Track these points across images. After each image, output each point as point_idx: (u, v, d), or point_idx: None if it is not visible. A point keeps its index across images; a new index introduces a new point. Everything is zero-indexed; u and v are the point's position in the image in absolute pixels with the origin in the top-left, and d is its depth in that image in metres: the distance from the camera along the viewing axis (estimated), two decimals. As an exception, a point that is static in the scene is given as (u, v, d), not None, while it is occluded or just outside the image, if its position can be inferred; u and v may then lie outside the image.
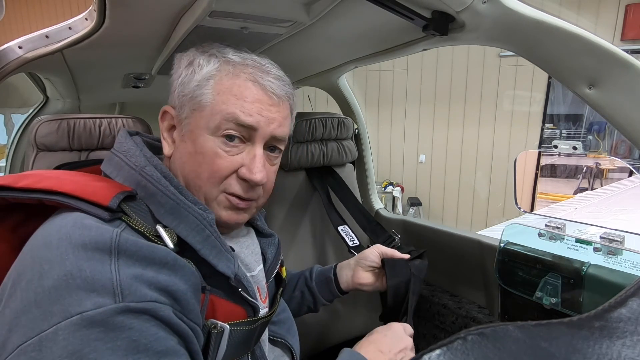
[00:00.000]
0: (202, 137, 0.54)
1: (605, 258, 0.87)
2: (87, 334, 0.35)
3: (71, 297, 0.36)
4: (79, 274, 0.37)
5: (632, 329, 0.36)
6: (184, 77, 0.58)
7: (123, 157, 0.53)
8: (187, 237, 0.49)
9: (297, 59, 1.20)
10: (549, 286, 0.91)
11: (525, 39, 0.71)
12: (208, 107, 0.54)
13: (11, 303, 0.38)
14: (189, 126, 0.56)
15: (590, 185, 3.96)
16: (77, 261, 0.38)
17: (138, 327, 0.38)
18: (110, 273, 0.38)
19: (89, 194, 0.45)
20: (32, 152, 1.06)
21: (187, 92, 0.56)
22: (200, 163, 0.54)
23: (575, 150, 1.17)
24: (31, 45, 0.89)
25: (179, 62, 0.61)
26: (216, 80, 0.56)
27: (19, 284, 0.38)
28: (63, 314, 0.36)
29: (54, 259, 0.38)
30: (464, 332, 0.36)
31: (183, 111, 0.57)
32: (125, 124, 1.18)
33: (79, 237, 0.40)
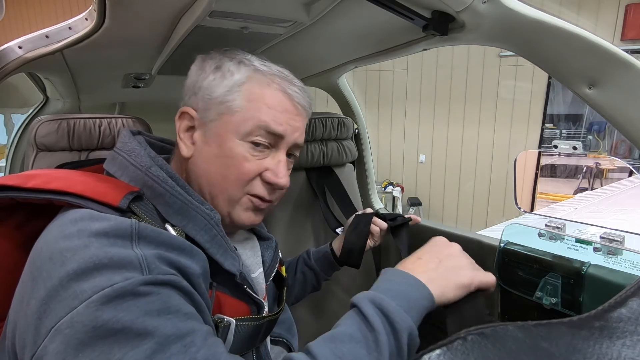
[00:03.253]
0: (231, 141, 0.56)
1: (605, 258, 0.87)
2: (119, 302, 0.37)
3: (100, 275, 0.38)
4: (105, 255, 0.39)
5: (632, 329, 0.36)
6: (212, 80, 0.58)
7: (127, 157, 0.54)
8: (195, 236, 0.51)
9: (297, 59, 1.20)
10: (549, 286, 0.91)
11: (525, 39, 0.71)
12: (239, 113, 0.56)
13: (35, 294, 0.39)
14: (215, 129, 0.57)
15: (590, 185, 3.96)
16: (101, 247, 0.40)
17: (165, 293, 0.40)
18: (135, 253, 0.41)
19: (98, 194, 0.46)
20: (32, 152, 1.06)
21: (216, 96, 0.57)
22: (228, 166, 0.56)
23: (575, 150, 1.17)
24: (31, 45, 0.89)
25: (202, 65, 0.61)
26: (247, 87, 0.57)
27: (39, 276, 0.39)
28: (93, 290, 0.37)
29: (76, 247, 0.40)
30: (464, 332, 0.36)
31: (208, 114, 0.57)
32: (125, 124, 1.18)
33: (99, 227, 0.41)
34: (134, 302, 0.38)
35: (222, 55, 0.61)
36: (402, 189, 4.81)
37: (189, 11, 0.77)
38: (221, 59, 0.60)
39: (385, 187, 4.69)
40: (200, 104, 0.58)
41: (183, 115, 0.60)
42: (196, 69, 0.62)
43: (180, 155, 0.60)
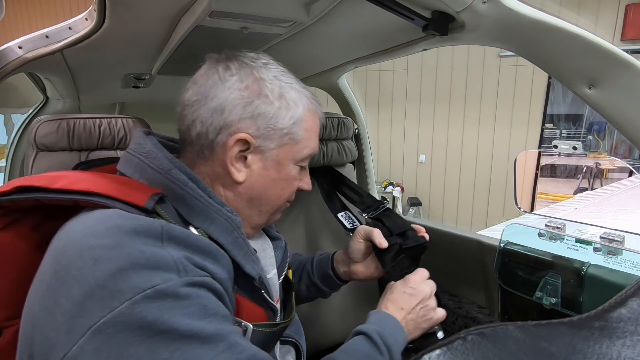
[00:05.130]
0: (288, 166, 0.60)
1: (605, 258, 0.87)
2: (162, 304, 0.38)
3: (138, 275, 0.38)
4: (141, 255, 0.39)
5: (632, 329, 0.36)
6: (277, 109, 0.56)
7: (144, 159, 0.53)
8: (218, 238, 0.51)
9: (297, 59, 1.20)
10: (549, 286, 0.91)
11: (525, 39, 0.71)
12: (299, 143, 0.60)
13: (65, 293, 0.38)
14: (275, 157, 0.58)
15: (590, 185, 3.96)
16: (134, 245, 0.40)
17: (204, 295, 0.42)
18: (169, 254, 0.41)
19: (124, 194, 0.46)
20: (32, 152, 1.06)
21: (282, 127, 0.57)
22: (284, 187, 0.61)
23: (575, 150, 1.17)
24: (31, 45, 0.89)
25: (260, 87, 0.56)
26: (305, 119, 0.60)
27: (68, 275, 0.39)
28: (134, 290, 0.37)
29: (109, 245, 0.40)
30: (464, 332, 0.36)
31: (269, 143, 0.57)
32: (125, 124, 1.18)
33: (130, 225, 0.41)
34: (176, 303, 0.39)
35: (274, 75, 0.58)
36: (402, 189, 4.81)
37: (189, 11, 0.77)
38: (280, 84, 0.58)
39: (385, 187, 4.69)
40: (260, 131, 0.56)
41: (238, 143, 0.55)
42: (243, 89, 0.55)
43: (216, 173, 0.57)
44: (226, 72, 0.56)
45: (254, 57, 0.59)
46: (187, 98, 0.57)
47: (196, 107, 0.56)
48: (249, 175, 0.57)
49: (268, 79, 0.57)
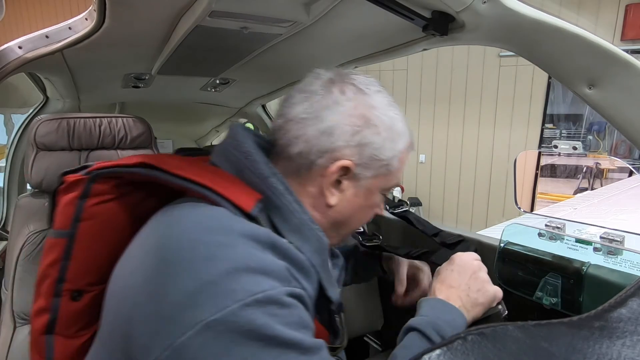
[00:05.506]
0: (376, 194, 0.59)
1: (605, 258, 0.87)
2: (269, 310, 0.39)
3: (249, 278, 0.40)
4: (252, 259, 0.41)
5: (632, 329, 0.36)
6: (385, 139, 0.55)
7: (244, 159, 0.52)
8: (310, 258, 0.50)
9: (297, 59, 1.20)
10: (549, 286, 0.91)
11: (525, 39, 0.71)
12: (393, 174, 0.59)
13: (176, 282, 0.39)
14: (367, 185, 0.57)
15: (590, 185, 3.96)
16: (246, 248, 0.42)
17: (300, 307, 0.43)
18: (274, 261, 0.43)
19: (233, 195, 0.47)
20: (32, 151, 1.05)
21: (383, 159, 0.56)
22: (367, 214, 0.61)
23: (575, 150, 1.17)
24: (31, 45, 0.89)
25: (369, 110, 0.55)
26: (404, 151, 0.59)
27: (179, 265, 0.40)
28: (246, 292, 0.38)
29: (223, 243, 0.41)
30: (464, 332, 0.36)
31: (367, 171, 0.56)
32: (125, 123, 1.18)
33: (241, 229, 0.43)
34: (280, 311, 0.40)
35: (387, 102, 0.57)
36: (402, 189, 4.81)
37: (189, 11, 0.77)
38: (391, 115, 0.57)
39: (385, 187, 4.68)
40: (363, 160, 0.55)
41: (341, 169, 0.54)
42: (355, 116, 0.54)
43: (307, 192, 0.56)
44: (342, 96, 0.54)
45: (367, 83, 0.57)
46: (296, 114, 0.55)
47: (303, 125, 0.54)
48: (340, 199, 0.56)
49: (381, 109, 0.56)
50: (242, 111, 2.09)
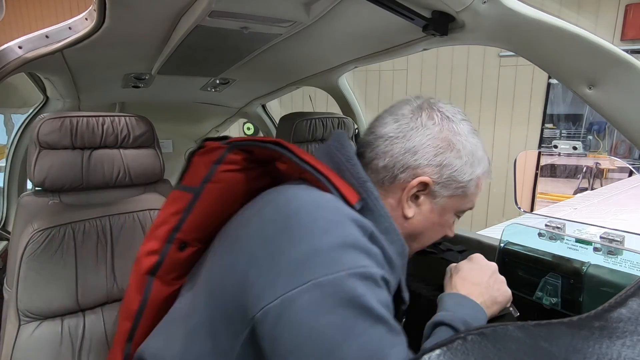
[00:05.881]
0: (449, 214, 0.64)
1: (605, 258, 0.87)
2: (367, 284, 0.45)
3: (355, 254, 0.46)
4: (358, 239, 0.48)
5: (632, 329, 0.36)
6: (464, 164, 0.61)
7: (346, 162, 0.59)
8: (396, 260, 0.54)
9: (297, 59, 1.20)
10: (549, 286, 0.91)
11: (525, 39, 0.71)
12: (468, 197, 0.63)
13: (293, 245, 0.46)
14: (443, 204, 0.62)
15: (590, 185, 3.96)
16: (351, 230, 0.48)
17: (385, 290, 0.48)
18: (372, 247, 0.49)
19: (342, 188, 0.54)
20: (35, 149, 1.05)
21: (461, 181, 0.61)
22: (438, 232, 0.65)
23: (575, 150, 1.17)
24: (31, 45, 0.89)
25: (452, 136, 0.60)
26: (481, 178, 0.64)
27: (299, 232, 0.47)
28: (351, 264, 0.45)
29: (336, 221, 0.48)
30: (464, 332, 0.36)
31: (444, 191, 0.61)
32: (128, 122, 1.18)
33: (351, 214, 0.50)
34: (375, 289, 0.45)
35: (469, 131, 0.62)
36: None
37: (189, 11, 0.77)
38: (473, 143, 0.62)
39: (385, 187, 4.69)
40: (442, 179, 0.60)
41: (418, 184, 0.59)
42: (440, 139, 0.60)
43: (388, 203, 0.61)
44: (429, 120, 0.61)
45: (453, 112, 0.63)
46: (385, 132, 0.61)
47: (390, 143, 0.60)
48: (416, 213, 0.62)
49: (464, 136, 0.61)
50: (242, 111, 2.09)
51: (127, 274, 0.98)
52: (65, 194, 1.12)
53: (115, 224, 1.00)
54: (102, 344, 0.92)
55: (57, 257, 0.91)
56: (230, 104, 1.96)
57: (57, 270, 0.90)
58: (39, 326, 0.88)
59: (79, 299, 0.92)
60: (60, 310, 0.90)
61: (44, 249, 0.89)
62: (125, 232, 1.00)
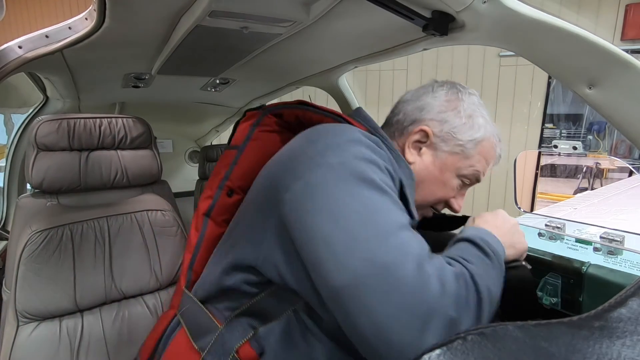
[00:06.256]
0: (449, 173, 0.71)
1: (605, 258, 0.87)
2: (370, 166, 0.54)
3: (363, 148, 0.56)
4: (365, 139, 0.58)
5: (632, 329, 0.36)
6: (463, 124, 0.70)
7: (362, 120, 0.71)
8: (401, 178, 0.62)
9: (297, 59, 1.20)
10: (549, 286, 0.91)
11: (525, 39, 0.71)
12: (468, 160, 0.70)
13: (313, 147, 0.57)
14: (444, 158, 0.71)
15: (590, 185, 3.96)
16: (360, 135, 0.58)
17: (389, 179, 0.56)
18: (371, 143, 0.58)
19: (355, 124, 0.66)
20: (33, 151, 1.05)
21: (460, 139, 0.70)
22: (438, 188, 0.72)
23: (575, 150, 1.17)
24: (31, 45, 0.89)
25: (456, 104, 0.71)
26: (482, 144, 0.71)
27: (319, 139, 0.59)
28: (355, 153, 0.55)
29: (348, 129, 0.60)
30: (463, 332, 0.36)
31: (444, 145, 0.70)
32: (125, 123, 1.18)
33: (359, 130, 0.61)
34: (377, 170, 0.54)
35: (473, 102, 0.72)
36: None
37: (189, 11, 0.77)
38: (473, 108, 0.71)
39: (385, 187, 4.68)
40: (441, 133, 0.70)
41: (420, 132, 0.71)
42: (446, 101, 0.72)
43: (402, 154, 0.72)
44: (438, 87, 0.74)
45: (465, 87, 0.74)
46: (404, 98, 0.76)
47: (406, 104, 0.74)
48: (418, 161, 0.71)
49: (467, 102, 0.71)
50: (242, 111, 2.09)
51: (125, 274, 0.99)
52: (63, 196, 1.12)
53: (113, 225, 1.00)
54: (100, 344, 0.92)
55: (55, 258, 0.91)
56: (230, 103, 1.96)
57: (55, 271, 0.90)
58: (37, 327, 0.88)
59: (77, 300, 0.92)
60: (59, 311, 0.90)
61: (42, 250, 0.89)
62: (123, 233, 1.00)
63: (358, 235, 0.48)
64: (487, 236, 0.60)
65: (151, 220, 1.04)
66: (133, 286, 0.99)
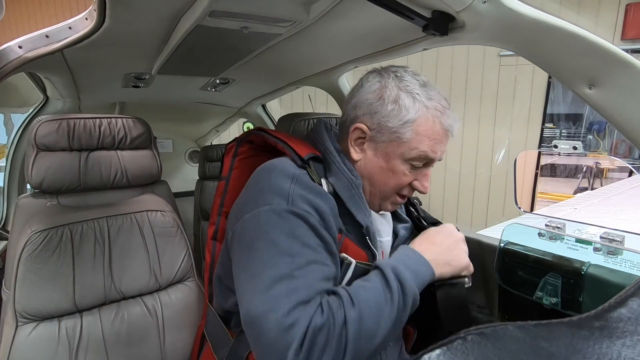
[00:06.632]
0: (395, 160, 0.73)
1: (605, 258, 0.87)
2: (270, 216, 0.63)
3: (268, 195, 0.65)
4: (274, 184, 0.66)
5: (632, 329, 0.36)
6: (390, 111, 0.71)
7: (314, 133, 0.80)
8: (340, 192, 0.72)
9: (297, 59, 1.20)
10: (549, 286, 0.91)
11: (525, 39, 0.71)
12: (406, 143, 0.71)
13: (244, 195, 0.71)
14: (384, 148, 0.73)
15: (590, 185, 3.96)
16: (276, 179, 0.67)
17: (295, 223, 0.63)
18: (289, 189, 0.65)
19: (298, 149, 0.73)
20: (32, 152, 1.05)
21: (391, 126, 0.71)
22: (389, 177, 0.74)
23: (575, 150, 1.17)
24: (31, 45, 0.89)
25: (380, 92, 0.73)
26: (417, 123, 0.71)
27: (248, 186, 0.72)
28: (263, 203, 0.65)
29: (265, 175, 0.70)
30: (463, 332, 0.36)
31: (380, 136, 0.73)
32: (125, 124, 1.18)
33: (281, 168, 0.69)
34: (278, 220, 0.62)
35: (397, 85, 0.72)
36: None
37: (189, 11, 0.77)
38: (398, 92, 0.72)
39: (385, 187, 4.68)
40: (374, 126, 0.73)
41: (356, 130, 0.74)
42: (372, 92, 0.74)
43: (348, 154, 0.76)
44: (366, 81, 0.76)
45: (392, 70, 0.75)
46: (346, 97, 0.80)
47: (346, 104, 0.79)
48: (363, 157, 0.75)
49: (389, 87, 0.72)
50: (242, 111, 2.09)
51: (124, 275, 0.99)
52: (62, 196, 1.12)
53: (112, 226, 1.00)
54: (99, 345, 0.92)
55: (54, 259, 0.91)
56: (230, 103, 1.96)
57: (54, 271, 0.90)
58: (36, 327, 0.88)
59: (76, 300, 0.92)
60: (58, 312, 0.90)
61: (41, 250, 0.89)
62: (123, 233, 1.00)
63: (246, 286, 0.61)
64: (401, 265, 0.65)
65: (151, 221, 1.04)
66: (132, 287, 0.99)
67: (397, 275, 0.63)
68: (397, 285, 0.62)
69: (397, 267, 0.64)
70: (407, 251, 0.70)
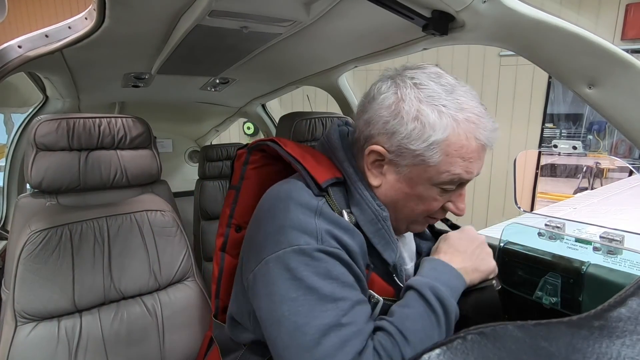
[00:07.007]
0: (422, 185, 0.62)
1: (605, 257, 0.87)
2: (301, 258, 0.55)
3: (292, 234, 0.57)
4: (297, 220, 0.58)
5: (631, 328, 0.36)
6: (411, 130, 0.58)
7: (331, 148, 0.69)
8: (363, 226, 0.62)
9: (297, 59, 1.20)
10: (548, 286, 0.91)
11: (525, 39, 0.71)
12: (435, 167, 0.59)
13: (260, 232, 0.61)
14: (408, 173, 0.61)
15: (590, 185, 3.96)
16: (297, 214, 0.58)
17: (331, 262, 0.56)
18: (315, 225, 0.57)
19: (314, 171, 0.63)
20: (32, 151, 1.05)
21: (414, 149, 0.59)
22: (416, 204, 0.64)
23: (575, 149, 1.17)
24: (31, 45, 0.89)
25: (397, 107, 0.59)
26: (446, 143, 0.58)
27: (262, 220, 0.62)
28: (287, 243, 0.56)
29: (284, 208, 0.60)
30: (463, 332, 0.36)
31: (402, 159, 0.61)
32: (125, 123, 1.18)
33: (298, 198, 0.60)
34: (310, 262, 0.55)
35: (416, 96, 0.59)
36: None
37: (189, 10, 0.77)
38: (419, 106, 0.58)
39: (385, 186, 4.68)
40: (394, 148, 0.60)
41: (372, 153, 0.63)
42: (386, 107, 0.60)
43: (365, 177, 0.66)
44: (378, 92, 0.63)
45: (409, 76, 0.61)
46: (358, 106, 0.68)
47: (358, 117, 0.66)
48: (384, 182, 0.64)
49: (408, 100, 0.59)
50: (242, 111, 2.08)
51: (124, 274, 0.99)
52: (62, 196, 1.12)
53: (112, 225, 1.00)
54: (98, 345, 0.92)
55: (54, 258, 0.91)
56: (230, 103, 1.96)
57: (54, 271, 0.90)
58: (36, 327, 0.88)
59: (75, 300, 0.92)
60: (57, 311, 0.90)
61: (41, 250, 0.89)
62: (123, 233, 1.00)
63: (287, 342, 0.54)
64: (437, 282, 0.60)
65: (150, 221, 1.04)
66: (132, 287, 0.99)
67: (437, 295, 0.59)
68: (439, 307, 0.58)
69: (435, 287, 0.59)
70: (436, 264, 0.65)
